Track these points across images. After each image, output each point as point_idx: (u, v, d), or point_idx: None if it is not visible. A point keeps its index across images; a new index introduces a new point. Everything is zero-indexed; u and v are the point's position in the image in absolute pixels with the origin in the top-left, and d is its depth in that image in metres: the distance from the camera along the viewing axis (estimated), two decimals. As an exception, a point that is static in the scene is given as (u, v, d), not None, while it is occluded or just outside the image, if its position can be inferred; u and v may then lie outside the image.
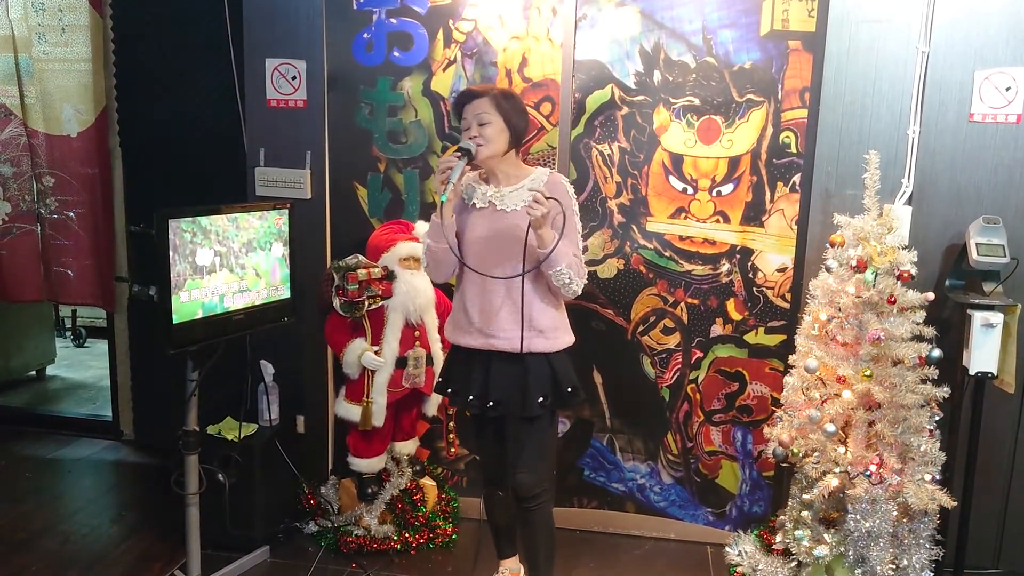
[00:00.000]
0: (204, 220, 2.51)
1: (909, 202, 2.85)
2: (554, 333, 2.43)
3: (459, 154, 2.33)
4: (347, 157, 3.26)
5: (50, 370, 5.21)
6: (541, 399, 2.40)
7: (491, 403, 2.41)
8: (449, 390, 2.55)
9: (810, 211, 2.96)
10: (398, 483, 3.22)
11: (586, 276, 2.43)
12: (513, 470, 2.45)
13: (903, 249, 2.57)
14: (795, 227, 3.01)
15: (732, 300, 3.11)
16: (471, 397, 2.45)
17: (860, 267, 2.53)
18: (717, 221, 3.07)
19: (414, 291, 3.02)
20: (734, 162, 3.02)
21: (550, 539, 2.56)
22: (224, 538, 2.95)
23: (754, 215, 3.04)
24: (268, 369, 3.17)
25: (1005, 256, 2.65)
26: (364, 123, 3.24)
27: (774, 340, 3.09)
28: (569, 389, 2.44)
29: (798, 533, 2.71)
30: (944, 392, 2.53)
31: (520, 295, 2.35)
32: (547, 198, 2.21)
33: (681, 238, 3.10)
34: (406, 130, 3.21)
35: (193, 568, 2.75)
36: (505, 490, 2.57)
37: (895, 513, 2.54)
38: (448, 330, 2.56)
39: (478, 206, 2.44)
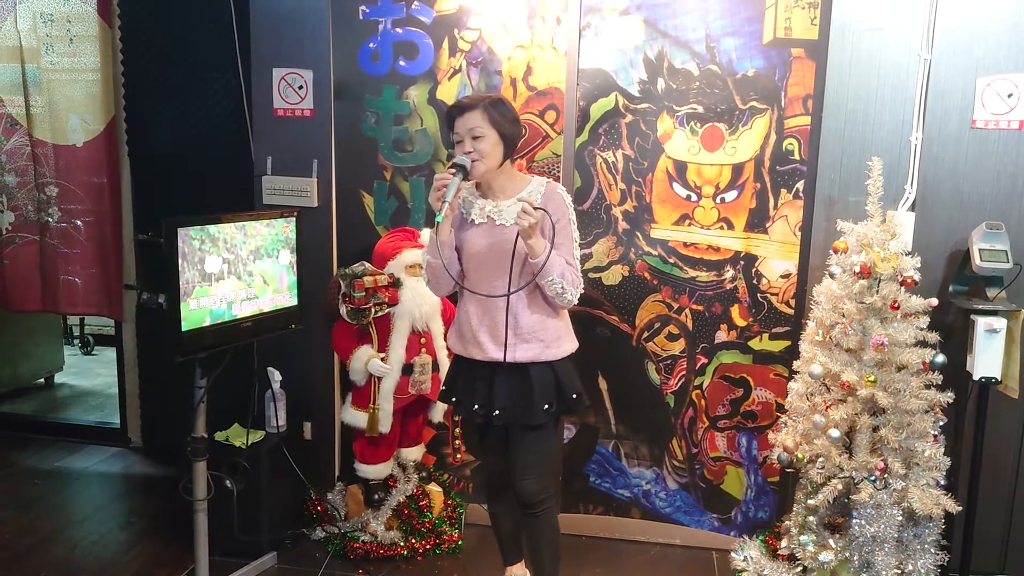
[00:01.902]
0: (212, 228, 2.54)
1: (912, 208, 2.86)
2: (556, 341, 2.44)
3: (453, 171, 2.29)
4: (353, 165, 3.28)
5: (58, 378, 5.23)
6: (547, 406, 2.41)
7: (496, 412, 2.41)
8: (453, 399, 2.55)
9: (813, 217, 2.97)
10: (404, 489, 3.23)
11: (582, 286, 2.43)
12: (518, 477, 2.46)
13: (906, 255, 2.58)
14: (799, 233, 3.03)
15: (736, 306, 3.12)
16: (476, 407, 2.45)
17: (864, 273, 2.54)
18: (721, 228, 3.08)
19: (420, 298, 3.04)
20: (738, 169, 3.04)
21: (555, 545, 2.57)
22: (232, 544, 2.97)
23: (758, 222, 3.06)
24: (275, 376, 3.19)
25: (1008, 261, 2.65)
26: (370, 132, 3.26)
27: (778, 346, 3.10)
28: (574, 395, 2.45)
29: (803, 538, 2.72)
30: (948, 397, 2.54)
31: (518, 307, 2.36)
32: (535, 208, 2.22)
33: (685, 245, 3.12)
34: (412, 138, 3.24)
35: (201, 574, 2.77)
36: (509, 497, 2.58)
37: (900, 518, 2.55)
38: (452, 340, 2.56)
39: (476, 221, 2.43)
